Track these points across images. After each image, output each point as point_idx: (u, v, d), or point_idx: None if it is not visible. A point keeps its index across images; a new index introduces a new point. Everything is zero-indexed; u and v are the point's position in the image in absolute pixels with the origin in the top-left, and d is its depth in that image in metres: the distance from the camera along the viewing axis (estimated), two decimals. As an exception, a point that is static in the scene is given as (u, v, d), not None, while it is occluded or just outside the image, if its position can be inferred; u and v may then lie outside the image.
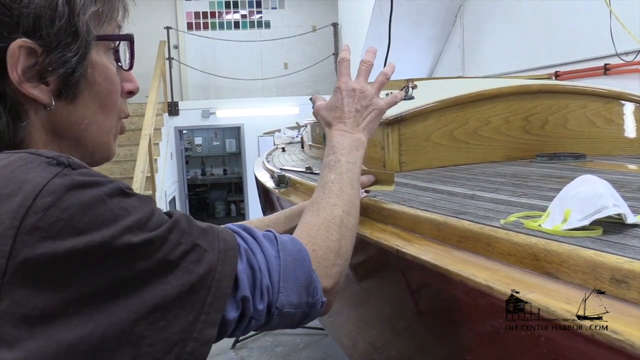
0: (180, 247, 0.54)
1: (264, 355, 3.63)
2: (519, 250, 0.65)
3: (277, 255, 0.65)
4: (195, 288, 0.53)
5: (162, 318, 0.51)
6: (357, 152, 0.90)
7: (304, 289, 0.67)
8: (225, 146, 11.05)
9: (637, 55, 3.53)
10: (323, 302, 0.70)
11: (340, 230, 0.77)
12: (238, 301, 0.59)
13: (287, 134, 4.11)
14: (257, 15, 8.98)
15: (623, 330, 0.44)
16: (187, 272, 0.53)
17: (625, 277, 0.51)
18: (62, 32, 0.58)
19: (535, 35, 4.74)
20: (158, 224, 0.53)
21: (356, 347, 1.59)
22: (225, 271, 0.57)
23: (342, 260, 0.75)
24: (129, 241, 0.50)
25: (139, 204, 0.53)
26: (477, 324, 0.67)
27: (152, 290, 0.51)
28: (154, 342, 0.50)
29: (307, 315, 0.69)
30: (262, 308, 0.62)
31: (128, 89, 0.69)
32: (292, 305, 0.65)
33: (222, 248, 0.58)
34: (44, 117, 0.60)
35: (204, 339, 0.54)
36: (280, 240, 0.68)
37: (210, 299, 0.55)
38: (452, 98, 1.66)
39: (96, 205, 0.50)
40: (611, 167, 1.45)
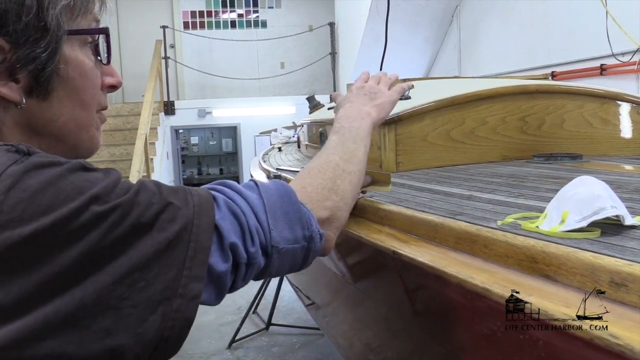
0: (153, 208, 0.53)
1: (260, 355, 3.62)
2: (517, 252, 0.64)
3: (258, 196, 0.65)
4: (172, 244, 0.53)
5: (141, 278, 0.50)
6: (362, 120, 0.91)
7: (297, 222, 0.66)
8: (222, 146, 11.04)
9: (633, 56, 3.54)
10: (322, 234, 0.69)
11: (335, 171, 0.77)
12: (226, 250, 0.58)
13: (284, 133, 4.10)
14: (254, 14, 8.97)
15: (622, 334, 0.44)
16: (163, 230, 0.52)
17: (625, 280, 0.50)
18: (30, 28, 0.56)
19: (532, 35, 4.75)
20: (125, 190, 0.52)
21: (352, 348, 1.58)
22: (202, 224, 0.56)
23: (338, 196, 0.75)
24: (97, 211, 0.49)
25: (102, 176, 0.53)
26: (474, 326, 0.66)
27: (127, 254, 0.50)
28: (136, 303, 0.50)
29: (309, 250, 0.68)
30: (254, 250, 0.61)
31: (109, 83, 0.68)
32: (287, 241, 0.65)
33: (196, 202, 0.57)
34: (17, 115, 0.58)
35: (189, 294, 0.53)
36: (260, 183, 0.68)
37: (191, 253, 0.54)
38: (448, 98, 1.65)
39: (57, 182, 0.49)
40: (608, 167, 1.45)
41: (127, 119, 7.25)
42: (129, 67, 8.21)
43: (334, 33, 8.45)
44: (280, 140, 3.82)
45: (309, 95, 3.04)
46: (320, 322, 2.16)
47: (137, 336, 0.50)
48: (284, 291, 4.05)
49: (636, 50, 3.49)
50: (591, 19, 3.82)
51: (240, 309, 4.25)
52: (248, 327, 3.93)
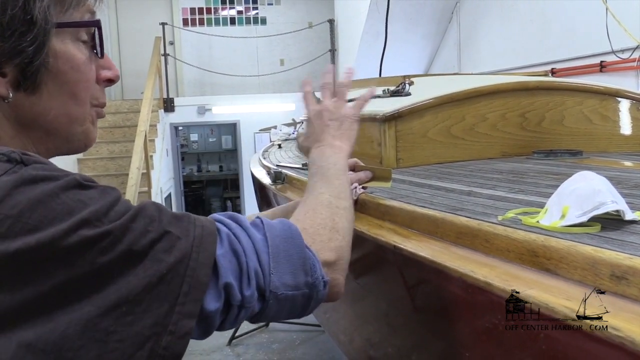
0: (148, 236, 0.50)
1: (260, 351, 3.62)
2: (518, 247, 0.64)
3: (263, 237, 0.61)
4: (166, 278, 0.50)
5: (129, 312, 0.48)
6: (336, 155, 0.88)
7: (299, 268, 0.62)
8: (221, 143, 11.02)
9: (633, 53, 3.54)
10: (326, 281, 0.65)
11: (330, 209, 0.74)
12: (220, 289, 0.55)
13: (283, 130, 4.10)
14: (253, 11, 8.95)
15: (623, 326, 0.44)
16: (157, 261, 0.50)
17: (625, 273, 0.50)
18: (16, 21, 0.54)
19: (532, 32, 4.75)
20: (120, 214, 0.50)
21: (352, 344, 1.59)
22: (201, 258, 0.53)
23: (340, 235, 0.72)
24: (85, 235, 0.47)
25: (99, 195, 0.50)
26: (475, 320, 0.67)
27: (117, 284, 0.48)
28: (123, 338, 0.48)
29: (310, 298, 0.64)
30: (249, 294, 0.57)
31: (107, 76, 0.65)
32: (287, 287, 0.61)
33: (197, 234, 0.54)
34: (5, 109, 0.57)
35: (180, 332, 0.51)
36: (267, 222, 0.64)
37: (186, 289, 0.51)
38: (448, 94, 1.65)
39: (48, 200, 0.47)
40: (608, 163, 1.45)
41: (126, 116, 7.23)
42: (128, 64, 8.20)
43: (333, 30, 8.44)
44: (280, 137, 3.82)
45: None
46: (320, 318, 2.17)
47: None
48: (284, 288, 4.05)
49: (636, 47, 3.49)
50: (591, 16, 3.81)
51: (240, 306, 4.26)
52: (248, 324, 3.93)
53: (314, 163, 0.88)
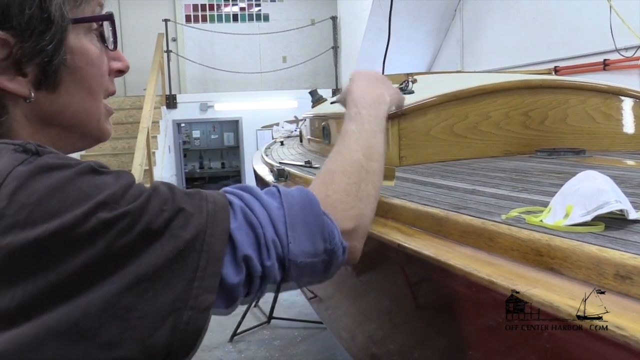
0: (164, 215, 0.51)
1: (262, 348, 3.63)
2: (522, 246, 0.65)
3: (280, 206, 0.61)
4: (183, 254, 0.51)
5: (149, 288, 0.49)
6: (379, 105, 0.86)
7: (318, 235, 0.63)
8: (224, 139, 11.03)
9: (637, 51, 3.53)
10: (345, 246, 0.66)
11: (359, 174, 0.73)
12: (239, 262, 0.56)
13: (286, 127, 4.10)
14: (256, 8, 8.94)
15: (627, 326, 0.44)
16: (174, 238, 0.51)
17: (630, 273, 0.50)
18: (34, 20, 0.55)
19: (535, 30, 4.74)
20: (135, 196, 0.51)
21: (355, 341, 1.59)
22: (216, 233, 0.54)
23: (363, 203, 0.72)
24: (103, 218, 0.47)
25: (114, 179, 0.51)
26: (478, 319, 0.67)
27: (136, 262, 0.48)
28: (143, 315, 0.48)
29: (330, 263, 0.64)
30: (270, 264, 0.58)
31: (117, 67, 0.66)
32: (307, 255, 0.61)
33: (210, 209, 0.55)
34: (26, 109, 0.58)
35: (200, 306, 0.51)
36: (283, 191, 0.64)
37: (203, 264, 0.52)
38: (452, 92, 1.65)
39: (65, 187, 0.48)
40: (611, 162, 1.45)
41: (129, 112, 7.24)
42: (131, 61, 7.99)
43: (336, 27, 8.43)
44: (282, 134, 3.82)
45: (312, 89, 3.03)
46: (322, 315, 2.17)
47: (144, 349, 0.48)
48: (286, 285, 4.06)
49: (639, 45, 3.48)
50: (594, 14, 3.81)
51: (242, 303, 4.27)
52: (250, 320, 3.95)
53: (355, 104, 0.85)
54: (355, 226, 0.70)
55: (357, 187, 0.72)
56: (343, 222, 0.67)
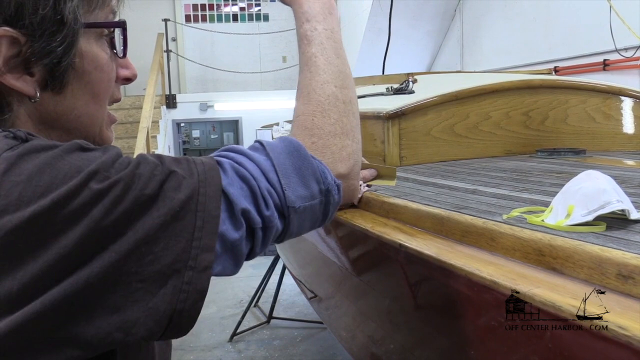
0: (156, 179, 0.51)
1: (262, 348, 3.63)
2: (524, 246, 0.65)
3: (266, 157, 0.61)
4: (179, 215, 0.51)
5: (148, 252, 0.49)
6: (331, 16, 0.80)
7: (310, 178, 0.63)
8: (223, 139, 11.03)
9: (637, 51, 3.53)
10: (338, 184, 0.66)
11: (337, 109, 0.71)
12: (237, 216, 0.55)
13: (285, 127, 4.09)
14: (256, 8, 8.94)
15: (630, 325, 0.44)
16: (168, 199, 0.51)
17: (632, 272, 0.51)
18: (47, 21, 0.55)
19: (535, 30, 4.74)
20: (125, 165, 0.51)
21: (354, 340, 1.59)
22: (209, 192, 0.54)
23: (350, 138, 0.70)
24: (96, 188, 0.48)
25: (101, 153, 0.51)
26: (480, 318, 0.67)
27: (133, 228, 0.49)
28: (145, 278, 0.49)
29: (328, 204, 0.65)
30: (269, 214, 0.58)
31: (124, 75, 0.67)
32: (303, 199, 0.61)
33: (200, 170, 0.55)
34: (30, 108, 0.58)
35: (200, 266, 0.51)
36: (267, 143, 0.64)
37: (200, 223, 0.52)
38: (452, 92, 1.65)
39: (54, 162, 0.48)
40: (611, 162, 1.45)
41: (128, 112, 7.23)
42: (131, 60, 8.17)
43: (336, 27, 8.42)
44: (282, 134, 3.82)
45: None
46: (322, 315, 2.17)
47: (148, 310, 0.49)
48: (285, 285, 4.06)
49: (639, 45, 3.48)
50: (594, 14, 3.81)
51: (242, 303, 4.27)
52: (249, 320, 3.95)
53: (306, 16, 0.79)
54: (350, 167, 0.69)
55: (341, 124, 0.70)
56: (336, 165, 0.67)
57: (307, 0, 0.81)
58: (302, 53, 0.78)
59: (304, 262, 2.13)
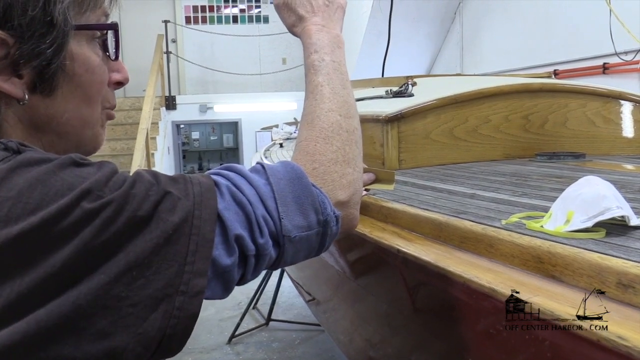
0: (150, 199, 0.50)
1: (260, 350, 3.62)
2: (522, 252, 0.64)
3: (266, 182, 0.60)
4: (172, 238, 0.50)
5: (140, 276, 0.48)
6: (339, 49, 0.81)
7: (309, 207, 0.61)
8: (223, 141, 11.03)
9: (636, 55, 3.53)
10: (337, 216, 0.64)
11: (340, 137, 0.71)
12: (231, 242, 0.54)
13: (285, 129, 4.09)
14: (256, 9, 8.94)
15: (630, 335, 0.44)
16: (162, 222, 0.49)
17: (632, 281, 0.50)
18: (36, 22, 0.54)
19: (535, 33, 4.74)
20: (120, 184, 0.49)
21: (352, 344, 1.58)
22: (204, 215, 0.52)
23: (351, 167, 0.69)
24: (88, 207, 0.46)
25: (95, 170, 0.50)
26: (478, 326, 0.66)
27: (125, 250, 0.47)
28: (135, 302, 0.47)
29: (325, 235, 0.63)
30: (263, 241, 0.57)
31: (116, 79, 0.65)
32: (300, 229, 0.60)
33: (196, 192, 0.53)
34: (19, 111, 0.57)
35: (192, 290, 0.50)
36: (268, 167, 0.63)
37: (193, 247, 0.51)
38: (452, 96, 1.65)
39: (46, 179, 0.47)
40: (611, 167, 1.45)
41: (128, 113, 7.23)
42: (131, 62, 8.17)
43: (336, 29, 8.43)
44: (281, 136, 3.82)
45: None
46: (320, 318, 2.17)
47: (137, 336, 0.48)
48: (284, 287, 4.05)
49: (639, 49, 3.48)
50: (594, 17, 3.81)
51: (240, 305, 4.26)
52: (248, 322, 3.94)
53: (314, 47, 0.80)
54: (350, 195, 0.68)
55: (343, 152, 0.70)
56: (336, 193, 0.66)
57: (317, 33, 0.81)
58: (308, 82, 0.78)
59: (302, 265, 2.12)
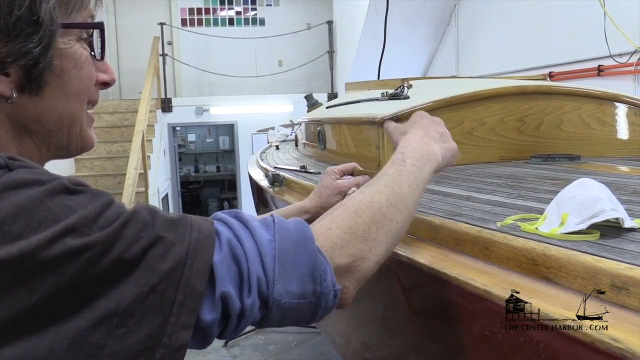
0: (140, 242, 0.47)
1: (256, 353, 3.62)
2: (517, 255, 0.64)
3: (271, 238, 0.57)
4: (159, 288, 0.47)
5: (121, 324, 0.45)
6: (428, 162, 0.78)
7: (308, 275, 0.57)
8: (219, 143, 11.03)
9: (631, 57, 3.55)
10: (336, 290, 0.59)
11: (374, 216, 0.66)
12: (217, 299, 0.51)
13: (281, 131, 4.09)
14: (252, 12, 8.95)
15: (624, 338, 0.44)
16: (149, 270, 0.47)
17: (626, 283, 0.50)
18: (22, 22, 0.53)
19: (530, 35, 4.76)
20: (111, 220, 0.47)
21: (349, 346, 1.58)
22: (196, 265, 0.50)
23: (367, 245, 0.64)
24: (71, 245, 0.44)
25: (88, 200, 0.48)
26: (474, 328, 0.66)
27: (107, 295, 0.45)
28: (114, 352, 0.45)
29: (318, 307, 0.58)
30: (250, 302, 0.53)
31: (102, 79, 0.64)
32: (293, 296, 0.56)
33: (194, 239, 0.51)
34: (8, 110, 0.56)
35: (175, 345, 0.48)
36: (278, 222, 0.59)
37: (180, 298, 0.48)
38: (447, 98, 1.65)
39: (32, 206, 0.45)
40: (606, 169, 1.45)
41: (124, 115, 7.22)
42: (126, 64, 8.18)
43: (332, 31, 8.43)
44: (277, 138, 3.82)
45: (307, 94, 3.04)
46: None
47: None
48: (281, 289, 4.05)
49: (634, 51, 3.49)
50: (589, 20, 3.82)
51: (237, 307, 4.25)
52: (244, 324, 3.93)
53: (402, 150, 0.79)
54: (350, 264, 0.62)
55: (367, 229, 0.65)
56: (336, 257, 0.61)
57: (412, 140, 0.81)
58: (381, 170, 0.77)
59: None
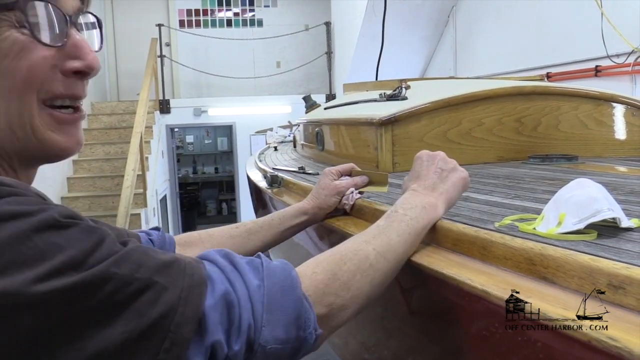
0: (132, 285, 0.46)
1: (255, 354, 3.62)
2: (515, 255, 0.64)
3: (260, 283, 0.56)
4: (147, 334, 0.46)
5: None
6: (422, 210, 0.78)
7: (293, 322, 0.57)
8: (217, 144, 11.02)
9: (628, 58, 3.55)
10: (318, 335, 0.60)
11: (360, 264, 0.66)
12: (207, 346, 0.50)
13: (280, 132, 4.09)
14: (250, 13, 8.95)
15: (621, 336, 0.44)
16: (139, 315, 0.45)
17: (623, 282, 0.50)
18: None
19: (527, 36, 4.76)
20: (102, 258, 0.45)
21: (347, 347, 1.58)
22: (187, 312, 0.49)
23: (349, 294, 0.64)
24: (57, 285, 0.42)
25: (80, 236, 0.46)
26: (472, 328, 0.67)
27: (93, 337, 0.43)
28: None
29: (298, 350, 0.59)
30: (238, 348, 0.53)
31: (73, 67, 0.55)
32: (278, 341, 0.56)
33: (186, 285, 0.50)
34: None
35: None
36: (267, 266, 0.59)
37: (167, 345, 0.47)
38: (445, 99, 1.66)
39: (17, 244, 0.42)
40: (603, 169, 1.46)
41: (122, 117, 7.22)
42: (124, 66, 8.19)
43: (330, 32, 8.44)
44: (276, 139, 3.81)
45: (305, 95, 3.04)
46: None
47: None
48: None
49: (631, 52, 3.50)
50: (586, 20, 3.83)
51: (235, 308, 4.24)
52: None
53: (397, 204, 0.80)
54: (328, 314, 0.62)
55: (351, 276, 0.65)
56: (319, 306, 0.61)
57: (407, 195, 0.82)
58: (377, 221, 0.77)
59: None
